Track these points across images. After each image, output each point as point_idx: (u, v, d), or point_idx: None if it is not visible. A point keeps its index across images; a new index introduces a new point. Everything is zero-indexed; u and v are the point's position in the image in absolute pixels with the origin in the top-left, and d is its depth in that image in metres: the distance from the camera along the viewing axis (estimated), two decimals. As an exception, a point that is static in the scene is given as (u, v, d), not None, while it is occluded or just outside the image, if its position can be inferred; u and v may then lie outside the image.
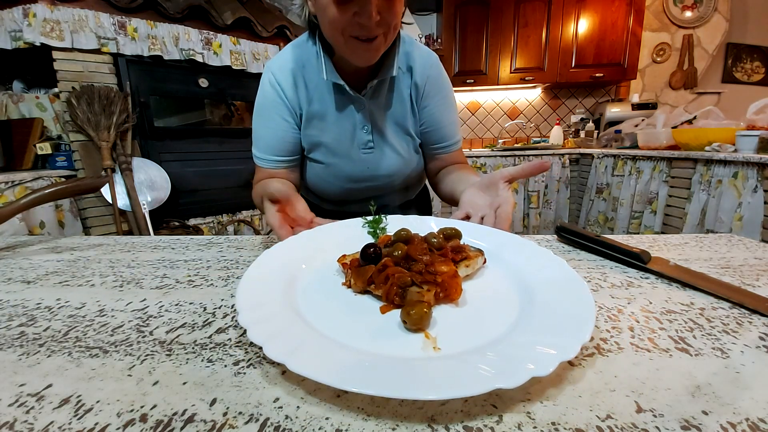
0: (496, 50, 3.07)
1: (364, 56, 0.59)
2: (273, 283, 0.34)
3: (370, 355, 0.25)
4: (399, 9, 0.57)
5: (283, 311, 0.30)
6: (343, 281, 0.38)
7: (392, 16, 0.56)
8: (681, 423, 0.20)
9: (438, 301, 0.33)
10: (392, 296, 0.32)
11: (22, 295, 0.39)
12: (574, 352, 0.23)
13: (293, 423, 0.21)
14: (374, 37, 0.57)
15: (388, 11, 0.55)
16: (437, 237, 0.40)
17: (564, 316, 0.28)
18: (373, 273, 0.34)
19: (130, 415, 0.21)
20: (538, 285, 0.33)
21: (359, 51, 0.58)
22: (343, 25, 0.55)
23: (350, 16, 0.54)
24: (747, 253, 0.48)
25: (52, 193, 0.59)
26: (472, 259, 0.38)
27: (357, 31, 0.56)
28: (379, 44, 0.58)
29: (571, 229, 0.52)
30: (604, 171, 2.58)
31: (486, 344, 0.26)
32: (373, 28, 0.55)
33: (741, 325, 0.30)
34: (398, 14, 0.57)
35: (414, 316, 0.28)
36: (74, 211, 1.97)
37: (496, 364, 0.23)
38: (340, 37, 0.57)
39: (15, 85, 2.12)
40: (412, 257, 0.36)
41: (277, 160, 0.73)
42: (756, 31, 3.29)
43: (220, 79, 2.51)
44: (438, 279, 0.33)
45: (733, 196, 1.63)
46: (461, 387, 0.21)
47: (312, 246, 0.44)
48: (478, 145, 3.63)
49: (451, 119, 0.77)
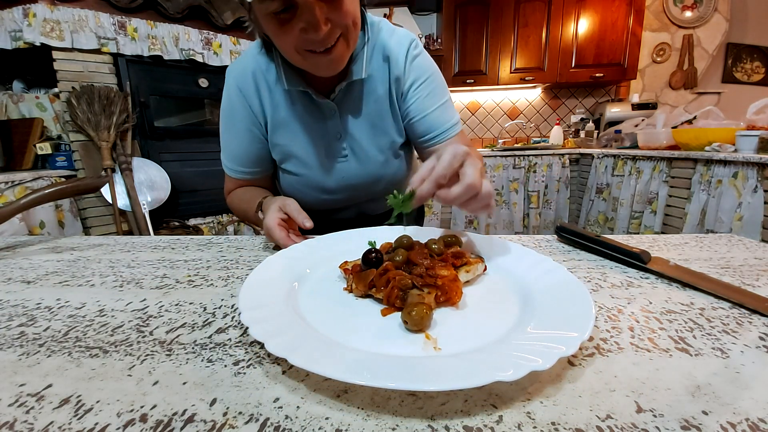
0: (496, 50, 3.07)
1: (328, 67, 0.54)
2: (275, 287, 0.35)
3: (372, 353, 0.25)
4: (350, 7, 0.51)
5: (284, 312, 0.30)
6: (345, 286, 0.38)
7: (343, 16, 0.50)
8: (681, 423, 0.20)
9: (438, 304, 0.33)
10: (393, 299, 0.33)
11: (22, 295, 0.39)
12: (573, 348, 0.23)
13: (293, 423, 0.21)
14: (332, 45, 0.51)
15: (336, 13, 0.49)
16: (437, 243, 0.41)
17: (563, 315, 0.28)
18: (374, 276, 0.35)
19: (130, 415, 0.21)
20: (539, 290, 0.34)
21: (321, 64, 0.54)
22: (294, 43, 0.50)
23: (297, 32, 0.49)
24: (747, 253, 0.48)
25: (52, 193, 0.59)
26: (472, 265, 0.38)
27: (311, 45, 0.51)
28: (341, 51, 0.53)
29: (571, 229, 0.52)
30: (604, 171, 2.58)
31: (486, 344, 0.26)
32: (327, 38, 0.50)
33: (741, 325, 0.30)
34: (350, 12, 0.51)
35: (415, 317, 0.29)
36: (74, 211, 1.97)
37: (496, 359, 0.23)
38: (297, 55, 0.52)
39: (15, 85, 2.12)
40: (413, 261, 0.36)
41: (245, 171, 0.70)
42: (756, 31, 3.29)
43: (220, 79, 2.50)
44: (438, 282, 0.33)
45: (733, 196, 1.63)
46: (461, 379, 0.21)
47: (315, 253, 0.45)
48: (478, 145, 3.63)
49: (441, 102, 0.67)
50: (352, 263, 0.40)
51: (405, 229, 0.53)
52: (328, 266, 0.42)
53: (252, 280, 0.35)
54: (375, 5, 3.23)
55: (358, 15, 0.54)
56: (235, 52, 2.48)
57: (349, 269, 0.38)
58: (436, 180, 0.38)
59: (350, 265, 0.39)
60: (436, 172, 0.38)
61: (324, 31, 0.48)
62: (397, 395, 0.23)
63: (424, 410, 0.22)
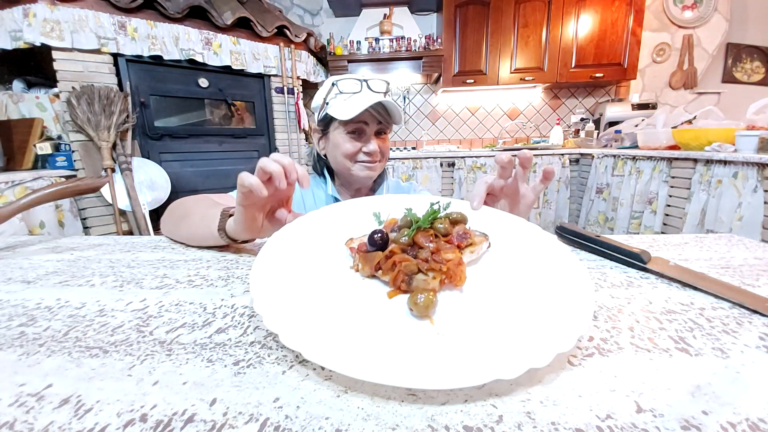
0: (496, 50, 3.07)
1: (367, 174, 0.80)
2: (284, 266, 0.35)
3: (378, 344, 0.26)
4: (388, 144, 0.84)
5: (296, 297, 0.31)
6: (351, 265, 0.39)
7: (386, 148, 0.82)
8: (681, 423, 0.20)
9: (443, 285, 0.34)
10: (399, 283, 0.34)
11: (22, 295, 0.39)
12: (570, 344, 0.24)
13: (293, 423, 0.21)
14: (375, 161, 0.80)
15: (382, 144, 0.80)
16: (443, 222, 0.40)
17: (562, 306, 0.29)
18: (380, 260, 0.36)
19: (130, 415, 0.21)
20: (540, 272, 0.34)
21: (364, 171, 0.80)
22: (353, 152, 0.78)
23: (359, 148, 0.78)
24: (747, 253, 0.48)
25: (52, 193, 0.59)
26: (476, 245, 0.39)
27: (363, 158, 0.79)
28: (377, 167, 0.81)
29: (571, 229, 0.52)
30: (604, 171, 2.58)
31: (486, 335, 0.27)
32: (374, 155, 0.79)
33: (741, 325, 0.30)
34: (389, 147, 0.84)
35: (421, 305, 0.29)
36: (74, 211, 1.97)
37: (496, 355, 0.24)
38: (350, 162, 0.79)
39: (15, 85, 2.12)
40: (418, 245, 0.37)
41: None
42: (756, 31, 3.29)
43: (220, 79, 2.51)
44: (444, 268, 0.34)
45: (733, 196, 1.62)
46: (463, 378, 0.22)
47: (319, 229, 0.44)
48: (478, 145, 3.63)
49: None
50: (358, 240, 0.40)
51: (412, 199, 0.51)
52: (333, 242, 0.42)
53: (261, 261, 0.35)
54: (375, 5, 3.23)
55: (389, 153, 0.85)
56: (235, 52, 2.48)
57: (355, 248, 0.39)
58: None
59: (356, 243, 0.40)
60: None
61: (376, 150, 0.79)
62: (397, 395, 0.23)
63: (424, 410, 0.22)
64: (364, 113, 0.74)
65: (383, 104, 0.75)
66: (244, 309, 0.35)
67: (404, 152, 3.02)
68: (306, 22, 3.49)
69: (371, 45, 3.09)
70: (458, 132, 3.65)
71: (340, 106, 0.76)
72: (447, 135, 3.66)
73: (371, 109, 0.74)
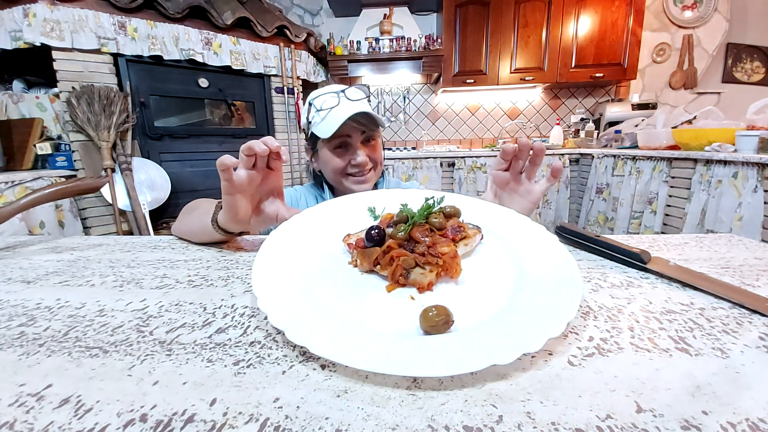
0: (496, 50, 3.07)
1: (361, 188, 0.78)
2: (285, 263, 0.36)
3: (382, 337, 0.27)
4: (380, 149, 0.82)
5: (298, 294, 0.32)
6: (350, 260, 0.40)
7: (376, 155, 0.80)
8: (681, 423, 0.20)
9: (439, 278, 0.36)
10: (397, 276, 0.35)
11: (22, 295, 0.39)
12: (560, 329, 0.25)
13: (293, 423, 0.21)
14: (366, 173, 0.79)
15: (372, 152, 0.79)
16: (437, 216, 0.42)
17: (552, 294, 0.30)
18: (378, 255, 0.37)
19: (130, 415, 0.21)
20: (530, 262, 0.36)
21: (357, 184, 0.79)
22: (341, 167, 0.77)
23: (347, 161, 0.77)
24: (747, 253, 0.48)
25: (52, 193, 0.59)
26: (470, 238, 0.40)
27: (352, 170, 0.78)
28: (370, 177, 0.80)
29: (571, 229, 0.52)
30: (604, 171, 2.58)
31: (481, 323, 0.28)
32: (364, 166, 0.78)
33: (741, 325, 0.30)
34: (380, 152, 0.82)
35: (432, 332, 0.28)
36: (74, 211, 1.97)
37: (491, 342, 0.25)
38: (341, 177, 0.79)
39: (15, 85, 2.12)
40: (414, 239, 0.38)
41: None
42: (756, 31, 3.29)
43: (220, 79, 2.51)
44: (440, 262, 0.35)
45: (733, 196, 1.63)
46: (459, 364, 0.23)
47: (316, 225, 0.45)
48: (478, 145, 3.63)
49: None
50: (355, 236, 0.41)
51: (407, 193, 0.52)
52: (331, 238, 0.43)
53: (261, 260, 0.36)
54: (375, 5, 3.23)
55: (382, 157, 0.83)
56: (235, 52, 2.48)
57: (353, 244, 0.40)
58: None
59: (353, 239, 0.41)
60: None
61: (365, 161, 0.77)
62: (397, 395, 0.23)
63: (424, 410, 0.22)
64: (344, 127, 0.72)
65: (363, 111, 0.73)
66: (244, 309, 0.35)
67: (404, 152, 3.02)
68: (306, 22, 3.49)
69: (371, 45, 3.09)
70: (458, 132, 3.65)
71: (320, 124, 0.75)
72: (447, 135, 3.66)
73: (350, 120, 0.73)
